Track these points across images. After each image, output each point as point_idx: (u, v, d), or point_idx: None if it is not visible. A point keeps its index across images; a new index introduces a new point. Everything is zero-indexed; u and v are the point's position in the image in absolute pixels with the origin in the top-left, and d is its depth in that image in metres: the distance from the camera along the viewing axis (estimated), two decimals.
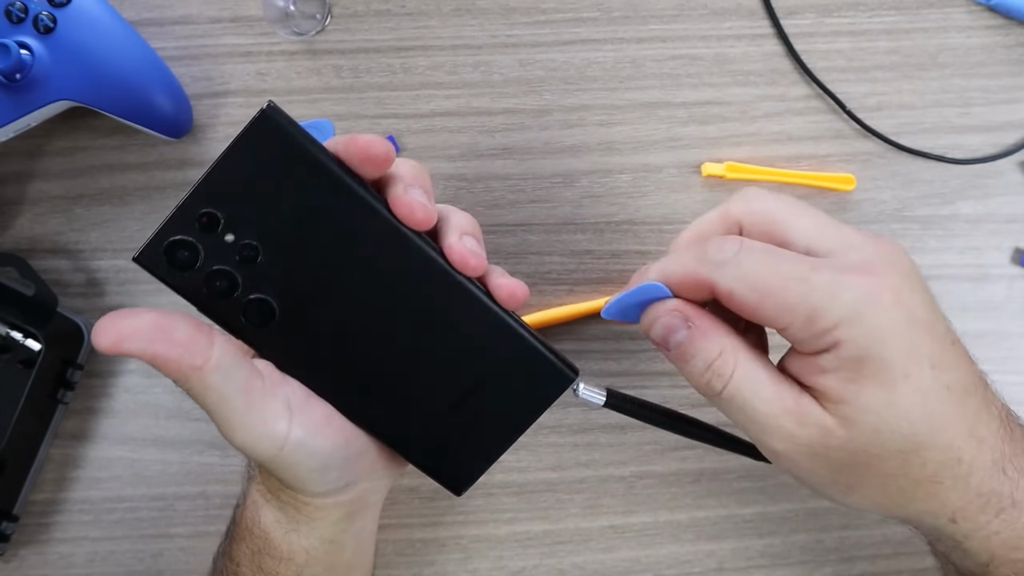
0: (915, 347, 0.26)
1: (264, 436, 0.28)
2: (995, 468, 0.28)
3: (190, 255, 0.28)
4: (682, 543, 0.46)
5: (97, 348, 0.25)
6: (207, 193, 0.27)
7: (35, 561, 0.46)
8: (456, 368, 0.31)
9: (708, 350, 0.28)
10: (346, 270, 0.29)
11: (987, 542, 0.29)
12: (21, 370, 0.44)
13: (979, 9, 0.47)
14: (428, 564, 0.46)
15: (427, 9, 0.47)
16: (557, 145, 0.47)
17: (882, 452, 0.27)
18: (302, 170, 0.28)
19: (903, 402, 0.26)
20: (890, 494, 0.28)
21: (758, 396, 0.27)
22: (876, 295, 0.26)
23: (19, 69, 0.40)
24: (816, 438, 0.27)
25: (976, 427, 0.27)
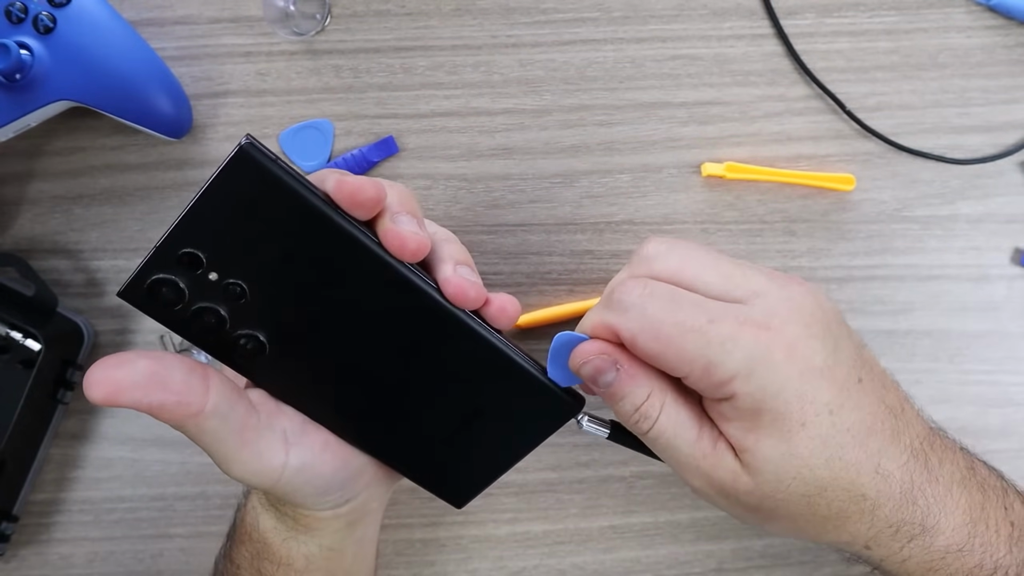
0: (811, 397, 0.27)
1: (261, 470, 0.28)
2: (904, 499, 0.29)
3: (174, 294, 0.27)
4: (682, 543, 0.46)
5: (91, 400, 0.25)
6: (186, 232, 0.26)
7: (35, 561, 0.46)
8: (454, 397, 0.31)
9: (636, 394, 0.29)
10: (336, 305, 0.28)
11: (903, 566, 0.30)
12: (21, 370, 0.44)
13: (979, 9, 0.47)
14: (428, 564, 0.46)
15: (427, 9, 0.47)
16: (557, 145, 0.47)
17: (787, 497, 0.28)
18: (284, 207, 0.26)
19: (801, 450, 0.27)
20: (801, 528, 0.30)
21: (680, 438, 0.29)
22: (770, 350, 0.27)
23: (19, 69, 0.40)
24: (728, 482, 0.29)
25: (881, 463, 0.28)
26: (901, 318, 0.47)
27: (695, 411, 0.29)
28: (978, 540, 0.30)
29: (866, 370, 0.29)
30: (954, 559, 0.29)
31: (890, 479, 0.29)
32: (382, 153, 0.46)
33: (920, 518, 0.29)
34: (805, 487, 0.28)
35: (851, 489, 0.28)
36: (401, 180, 0.46)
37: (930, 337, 0.47)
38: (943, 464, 0.30)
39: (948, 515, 0.30)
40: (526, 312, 0.45)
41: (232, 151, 0.25)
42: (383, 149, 0.46)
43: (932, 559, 0.29)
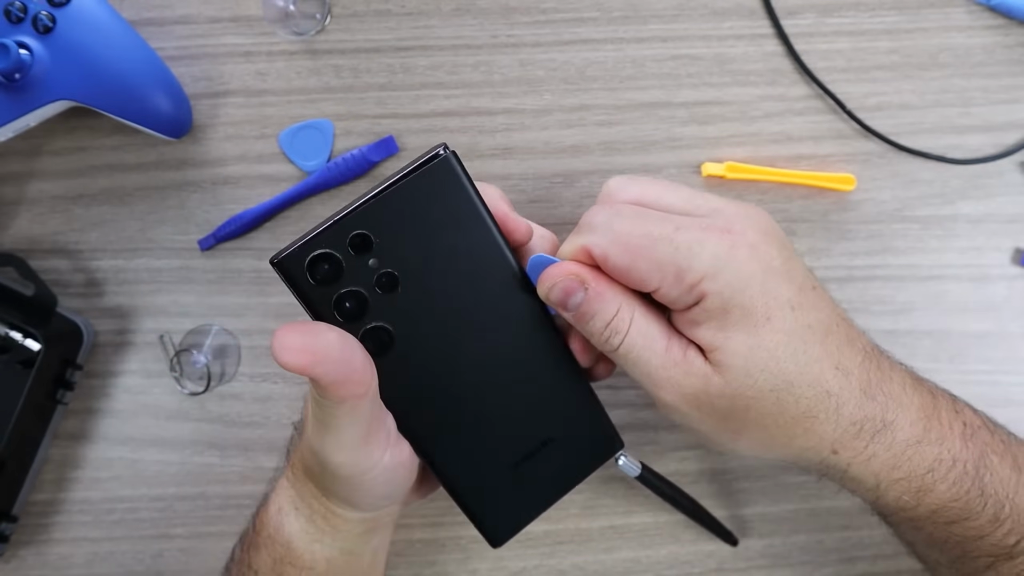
0: (774, 293, 0.29)
1: (362, 460, 0.29)
2: (864, 396, 0.30)
3: (332, 272, 0.27)
4: (682, 543, 0.46)
5: (283, 364, 0.25)
6: (365, 216, 0.27)
7: (35, 562, 0.46)
8: (532, 426, 0.33)
9: (606, 310, 0.29)
10: (466, 319, 0.30)
11: (868, 466, 0.31)
12: (20, 370, 0.44)
13: (979, 9, 0.47)
14: (428, 564, 0.46)
15: (427, 9, 0.47)
16: (557, 145, 0.47)
17: (757, 394, 0.29)
18: (461, 219, 0.29)
19: (768, 343, 0.29)
20: (772, 435, 0.30)
21: (650, 350, 0.30)
22: (734, 250, 0.28)
23: (18, 69, 0.40)
24: (699, 387, 0.29)
25: (841, 361, 0.30)
26: (901, 318, 0.47)
27: (663, 325, 0.30)
28: (934, 434, 0.31)
29: (816, 285, 0.31)
30: (914, 452, 0.31)
31: (850, 376, 0.30)
32: (382, 153, 0.46)
33: (880, 413, 0.30)
34: (774, 380, 0.29)
35: (816, 385, 0.29)
36: None
37: (930, 337, 0.47)
38: (893, 368, 0.32)
39: (904, 411, 0.31)
40: None
41: (430, 154, 0.27)
42: (383, 149, 0.46)
43: (895, 455, 0.31)
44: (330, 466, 0.29)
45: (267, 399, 0.46)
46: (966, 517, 0.31)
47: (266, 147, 0.47)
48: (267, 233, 0.47)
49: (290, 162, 0.47)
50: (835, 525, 0.46)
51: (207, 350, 0.46)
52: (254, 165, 0.47)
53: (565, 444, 0.33)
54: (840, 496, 0.46)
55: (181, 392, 0.46)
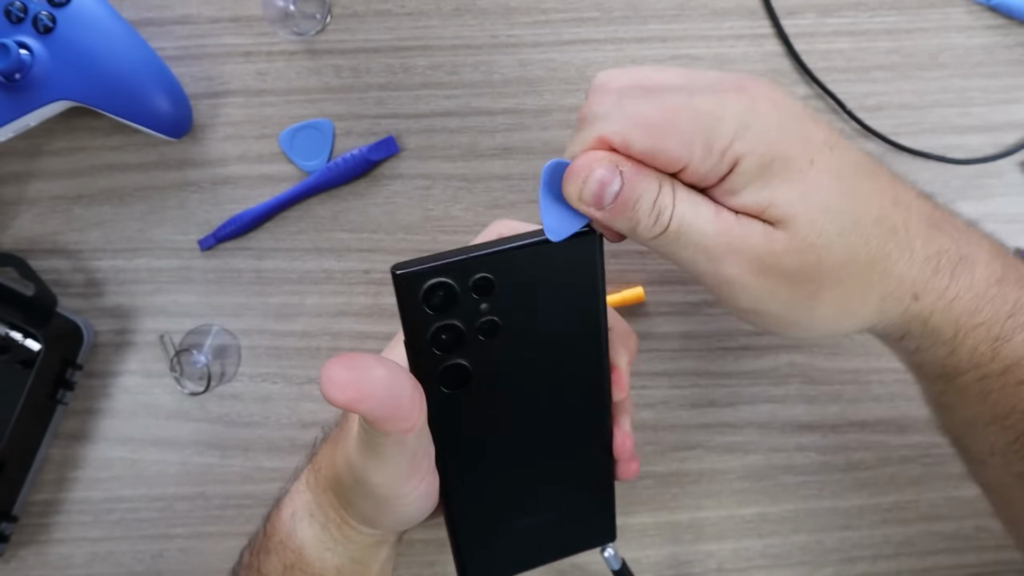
0: (809, 136, 0.26)
1: (401, 485, 0.29)
2: (932, 228, 0.28)
3: (445, 302, 0.27)
4: (682, 543, 0.46)
5: (329, 399, 0.25)
6: (501, 262, 0.27)
7: (35, 562, 0.46)
8: (549, 494, 0.33)
9: (650, 188, 0.26)
10: (538, 386, 0.30)
11: (950, 311, 0.28)
12: (20, 370, 0.44)
13: (979, 9, 0.47)
14: (428, 564, 0.46)
15: (427, 9, 0.47)
16: (557, 145, 0.47)
17: (824, 240, 0.26)
18: (579, 303, 0.29)
19: (819, 184, 0.26)
20: (849, 289, 0.27)
21: (702, 219, 0.26)
22: (755, 104, 0.26)
23: (18, 69, 0.40)
24: (762, 247, 0.26)
25: (897, 194, 0.28)
26: None
27: (704, 197, 0.27)
28: (1013, 274, 0.29)
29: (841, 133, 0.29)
30: (996, 293, 0.28)
31: (911, 208, 0.28)
32: (382, 153, 0.46)
33: (954, 246, 0.28)
34: (838, 220, 0.26)
35: (881, 220, 0.27)
36: (401, 180, 0.46)
37: None
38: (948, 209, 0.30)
39: (978, 247, 0.29)
40: None
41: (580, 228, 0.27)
42: (383, 149, 0.46)
43: (976, 295, 0.28)
44: (368, 485, 0.29)
45: (267, 399, 0.46)
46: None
47: (266, 147, 0.47)
48: (267, 233, 0.47)
49: (290, 162, 0.47)
50: (835, 525, 0.46)
51: (207, 350, 0.46)
52: (254, 165, 0.47)
53: (570, 521, 0.34)
54: (840, 496, 0.46)
55: (181, 392, 0.46)
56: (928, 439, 0.46)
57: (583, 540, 0.35)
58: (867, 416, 0.46)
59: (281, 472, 0.37)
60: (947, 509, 0.46)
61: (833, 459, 0.46)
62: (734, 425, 0.46)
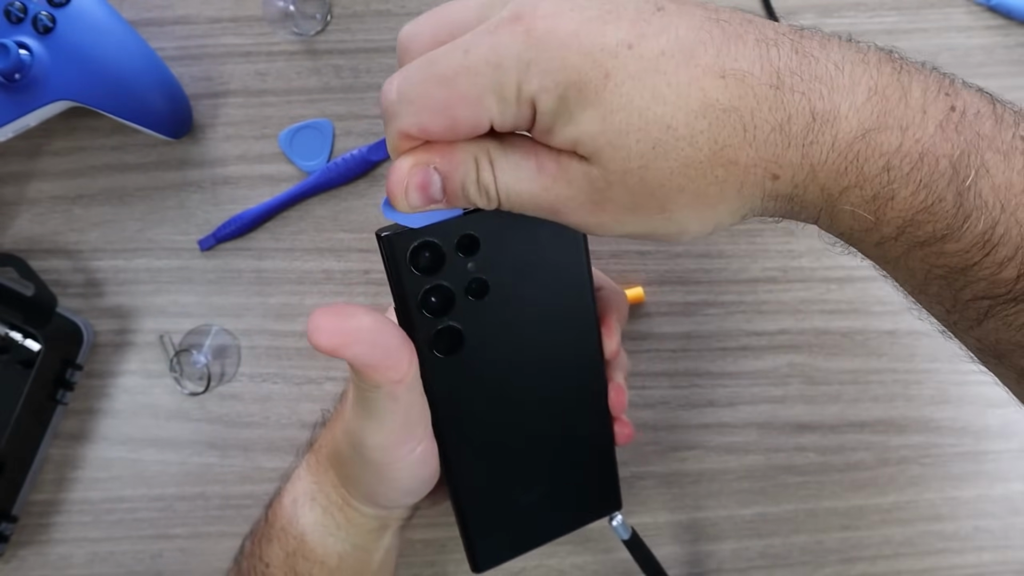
0: (598, 45, 0.23)
1: (397, 447, 0.29)
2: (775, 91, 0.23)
3: (433, 262, 0.27)
4: (682, 544, 0.46)
5: (315, 346, 0.25)
6: (485, 220, 0.27)
7: (34, 562, 0.46)
8: (552, 464, 0.33)
9: (467, 171, 0.25)
10: (531, 347, 0.31)
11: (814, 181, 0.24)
12: (20, 370, 0.44)
13: (979, 9, 0.47)
14: (428, 564, 0.46)
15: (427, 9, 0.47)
16: None
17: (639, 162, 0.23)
18: (564, 260, 0.30)
19: (617, 102, 0.23)
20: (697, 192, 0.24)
21: (525, 181, 0.25)
22: (531, 33, 0.23)
23: (18, 69, 0.40)
24: (588, 188, 0.24)
25: (726, 67, 0.23)
26: (901, 318, 0.47)
27: (523, 145, 0.25)
28: (893, 119, 0.23)
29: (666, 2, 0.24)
30: (864, 146, 0.23)
31: (746, 78, 0.23)
32: (382, 153, 0.46)
33: (805, 104, 0.23)
34: (647, 136, 0.23)
35: (705, 112, 0.23)
36: None
37: (930, 337, 0.47)
38: (827, 47, 0.24)
39: (843, 94, 0.23)
40: None
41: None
42: (383, 149, 0.46)
43: (840, 155, 0.23)
44: (365, 449, 0.29)
45: (267, 399, 0.46)
46: (942, 236, 0.23)
47: (266, 147, 0.47)
48: (267, 233, 0.47)
49: (290, 162, 0.47)
50: (835, 525, 0.46)
51: (207, 350, 0.46)
52: (254, 165, 0.47)
53: (574, 491, 0.34)
54: (840, 496, 0.46)
55: (181, 392, 0.46)
56: (928, 439, 0.46)
57: (589, 512, 0.35)
58: (867, 416, 0.46)
59: (281, 472, 0.37)
60: (947, 509, 0.46)
61: (833, 459, 0.46)
62: (734, 425, 0.46)
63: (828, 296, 0.47)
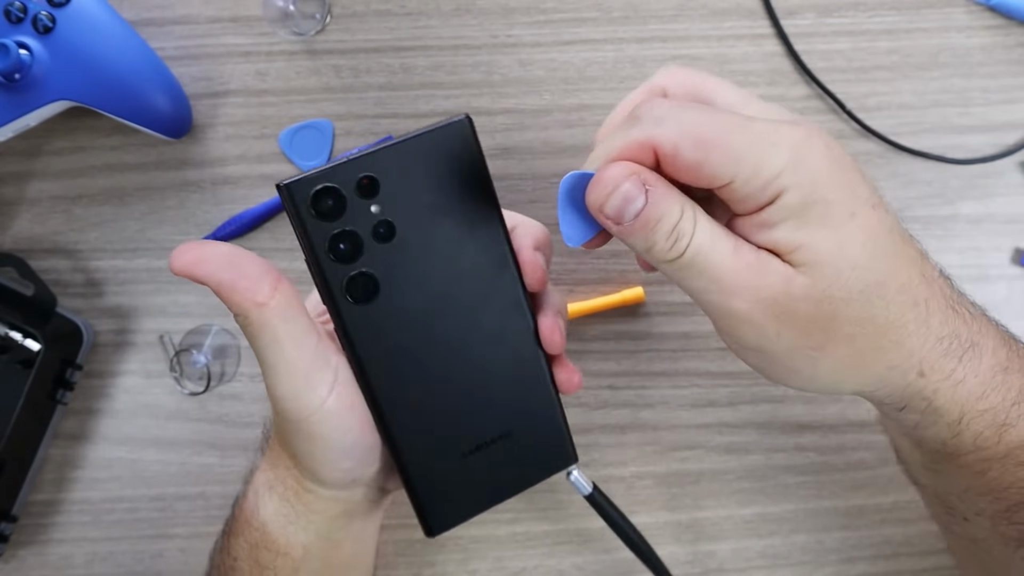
0: (855, 189, 0.26)
1: (304, 392, 0.29)
2: (949, 308, 0.28)
3: (335, 208, 0.28)
4: (682, 543, 0.46)
5: (172, 269, 0.26)
6: (379, 161, 0.28)
7: (34, 562, 0.46)
8: (492, 416, 0.32)
9: (672, 212, 0.26)
10: (450, 288, 0.30)
11: (955, 393, 0.28)
12: (20, 370, 0.44)
13: (979, 9, 0.47)
14: (428, 564, 0.46)
15: (427, 9, 0.47)
16: (557, 145, 0.47)
17: (846, 294, 0.26)
18: (467, 189, 0.29)
19: (855, 239, 0.26)
20: (859, 348, 0.27)
21: (719, 251, 0.26)
22: (811, 141, 0.25)
23: (18, 69, 0.40)
24: (779, 288, 0.26)
25: (924, 268, 0.28)
26: None
27: (727, 228, 0.27)
28: (1016, 363, 0.29)
29: None
30: (1002, 381, 0.29)
31: (933, 285, 0.28)
32: None
33: (967, 331, 0.28)
34: (865, 278, 0.26)
35: (906, 290, 0.27)
36: None
37: None
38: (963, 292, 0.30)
39: (987, 334, 0.29)
40: None
41: (451, 119, 0.29)
42: None
43: (982, 381, 0.28)
44: (278, 406, 0.30)
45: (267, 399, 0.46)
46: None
47: (266, 147, 0.47)
48: (267, 233, 0.47)
49: (290, 162, 0.47)
50: (835, 525, 0.46)
51: (207, 350, 0.46)
52: (254, 165, 0.47)
53: (520, 445, 0.33)
54: (840, 496, 0.46)
55: (181, 392, 0.46)
56: None
57: (543, 468, 0.34)
58: (867, 416, 0.46)
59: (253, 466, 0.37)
60: None
61: (833, 459, 0.46)
62: (734, 425, 0.46)
63: None
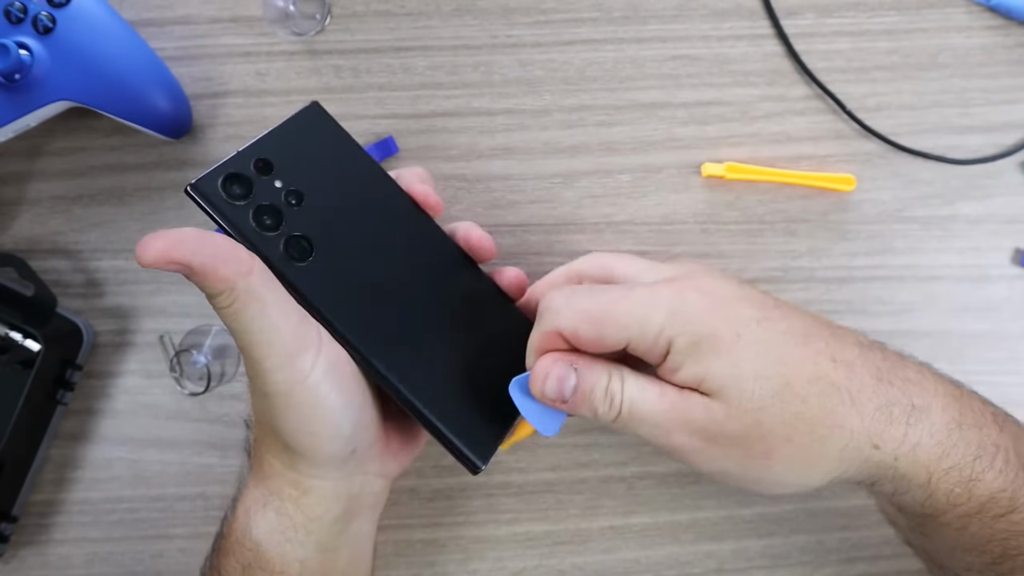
0: (734, 315, 0.30)
1: (296, 357, 0.29)
2: (877, 382, 0.30)
3: (243, 188, 0.31)
4: (682, 544, 0.46)
5: (142, 261, 0.26)
6: (262, 147, 0.32)
7: (34, 562, 0.46)
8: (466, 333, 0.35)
9: (600, 378, 0.31)
10: (371, 229, 0.34)
11: (915, 456, 0.30)
12: (20, 371, 0.44)
13: (979, 9, 0.47)
14: (428, 565, 0.46)
15: (427, 9, 0.47)
16: (557, 145, 0.47)
17: (760, 404, 0.29)
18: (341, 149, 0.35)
19: (747, 355, 0.29)
20: (802, 445, 0.29)
21: (649, 401, 0.30)
22: (684, 292, 0.30)
23: (18, 69, 0.40)
24: (705, 418, 0.29)
25: (836, 354, 0.30)
26: (901, 318, 0.47)
27: (651, 377, 0.31)
28: (970, 418, 0.31)
29: (781, 304, 0.32)
30: (959, 437, 0.30)
31: (853, 366, 0.30)
32: (382, 153, 0.46)
33: (904, 397, 0.30)
34: (770, 385, 0.29)
35: (817, 380, 0.29)
36: None
37: (930, 337, 0.47)
38: (904, 360, 0.32)
39: (931, 395, 0.30)
40: None
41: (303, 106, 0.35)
42: (383, 149, 0.46)
43: (939, 441, 0.30)
44: (267, 377, 0.29)
45: None
46: (1013, 509, 0.30)
47: None
48: None
49: None
50: (835, 525, 0.46)
51: (207, 350, 0.46)
52: None
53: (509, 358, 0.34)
54: (840, 496, 0.46)
55: (181, 392, 0.46)
56: None
57: None
58: None
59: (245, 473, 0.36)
60: None
61: None
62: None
63: (828, 296, 0.47)
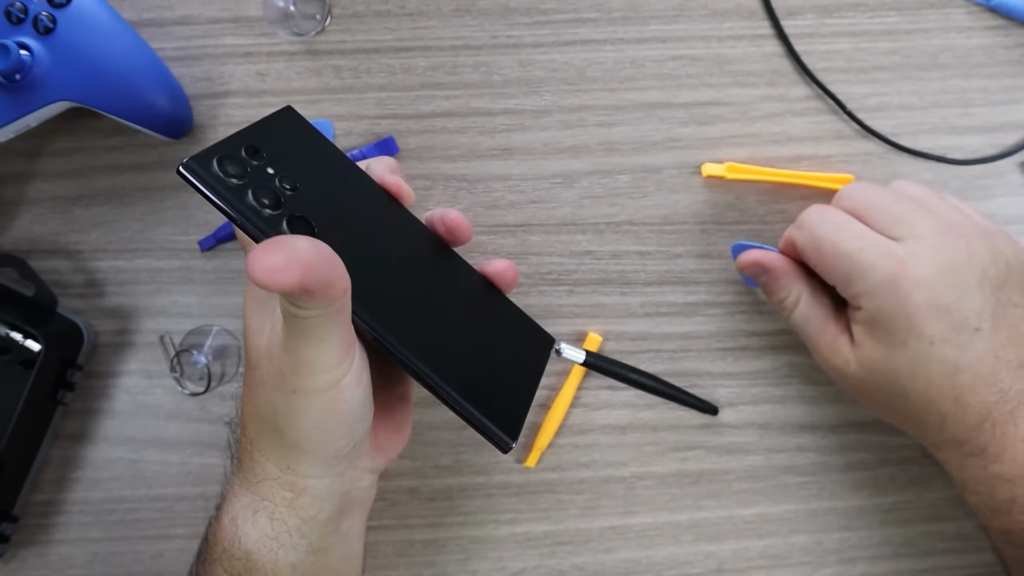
0: (917, 328, 0.34)
1: (346, 356, 0.29)
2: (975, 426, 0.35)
3: (241, 168, 0.30)
4: (682, 544, 0.46)
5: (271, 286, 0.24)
6: (250, 136, 0.32)
7: (35, 562, 0.46)
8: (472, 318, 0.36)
9: (779, 291, 0.40)
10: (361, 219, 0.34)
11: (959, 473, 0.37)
12: (21, 371, 0.44)
13: (979, 10, 0.47)
14: (428, 565, 0.46)
15: (427, 9, 0.47)
16: (557, 145, 0.47)
17: (876, 388, 0.37)
18: (318, 147, 0.36)
19: (896, 362, 0.35)
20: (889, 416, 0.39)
21: (810, 327, 0.39)
22: (896, 282, 0.34)
23: (19, 70, 0.40)
24: (841, 365, 0.38)
25: (963, 396, 0.35)
26: None
27: (828, 309, 0.39)
28: None
29: (993, 324, 0.35)
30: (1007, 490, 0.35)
31: (967, 409, 0.35)
32: (382, 153, 0.46)
33: (984, 443, 0.35)
34: (891, 387, 0.36)
35: (928, 406, 0.35)
36: None
37: None
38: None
39: (1014, 452, 0.34)
40: None
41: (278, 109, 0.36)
42: (383, 149, 0.46)
43: (985, 477, 0.36)
44: (309, 383, 0.28)
45: None
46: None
47: None
48: None
49: None
50: (835, 525, 0.46)
51: (207, 351, 0.46)
52: None
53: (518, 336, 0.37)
54: (840, 496, 0.46)
55: (181, 393, 0.46)
56: None
57: (540, 353, 0.38)
58: (867, 416, 0.46)
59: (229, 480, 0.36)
60: (947, 509, 0.46)
61: (833, 459, 0.46)
62: (734, 425, 0.46)
63: None
